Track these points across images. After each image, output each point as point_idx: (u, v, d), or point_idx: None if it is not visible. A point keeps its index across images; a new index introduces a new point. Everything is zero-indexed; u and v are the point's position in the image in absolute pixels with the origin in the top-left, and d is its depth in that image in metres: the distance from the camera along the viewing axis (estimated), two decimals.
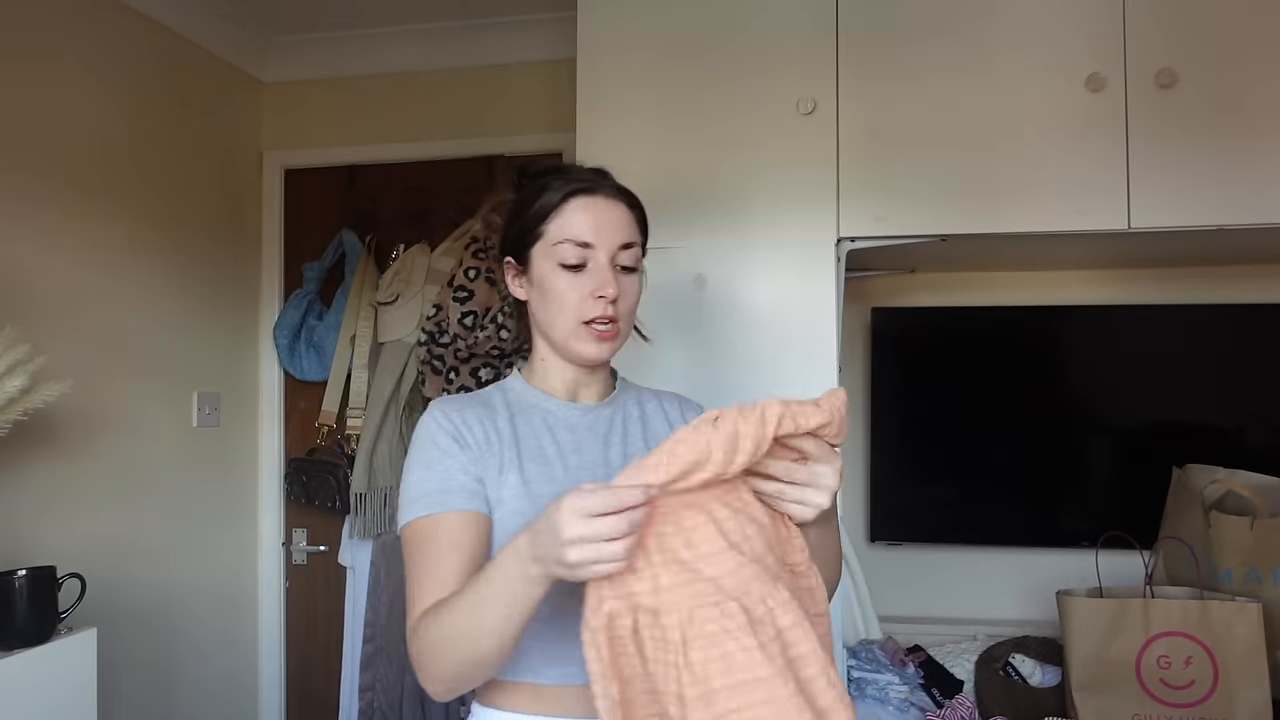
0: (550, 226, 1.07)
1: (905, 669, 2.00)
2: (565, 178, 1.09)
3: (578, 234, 1.06)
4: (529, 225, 1.09)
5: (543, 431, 1.10)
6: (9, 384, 1.59)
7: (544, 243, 1.08)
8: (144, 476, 2.23)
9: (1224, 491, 1.88)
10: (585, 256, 1.06)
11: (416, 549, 1.01)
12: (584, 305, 1.06)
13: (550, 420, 1.11)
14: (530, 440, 1.08)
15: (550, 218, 1.07)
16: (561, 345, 1.09)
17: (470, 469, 1.04)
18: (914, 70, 1.81)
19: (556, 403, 1.12)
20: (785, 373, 1.81)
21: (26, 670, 1.58)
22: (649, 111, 1.90)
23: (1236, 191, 1.71)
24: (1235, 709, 1.70)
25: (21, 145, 1.92)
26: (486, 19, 2.52)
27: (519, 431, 1.09)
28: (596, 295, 1.05)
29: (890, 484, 2.28)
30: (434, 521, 1.01)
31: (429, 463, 1.04)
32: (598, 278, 1.06)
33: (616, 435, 1.13)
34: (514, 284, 1.14)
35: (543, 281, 1.08)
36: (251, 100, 2.67)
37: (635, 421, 1.16)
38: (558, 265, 1.06)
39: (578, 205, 1.07)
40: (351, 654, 2.47)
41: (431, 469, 1.04)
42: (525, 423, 1.10)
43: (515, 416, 1.10)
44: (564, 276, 1.06)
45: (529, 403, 1.12)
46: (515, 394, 1.14)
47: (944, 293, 2.31)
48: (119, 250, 2.17)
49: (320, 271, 2.61)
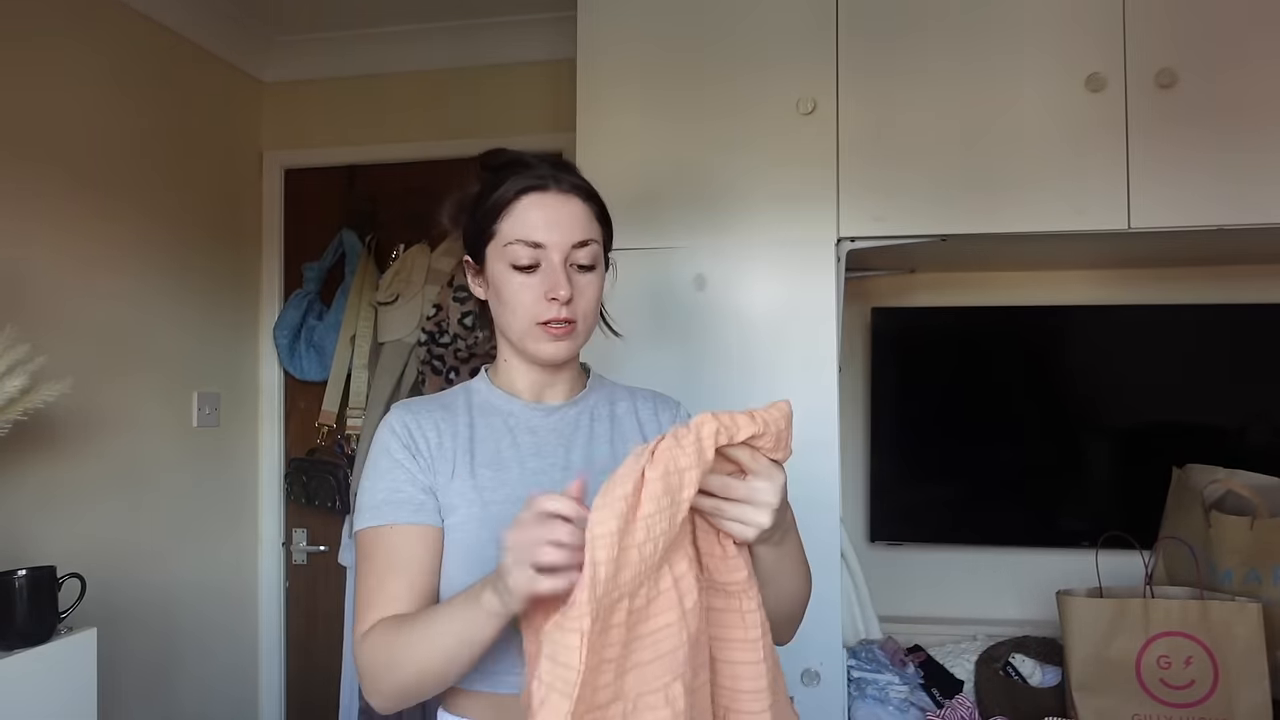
0: (502, 225, 1.04)
1: (905, 669, 2.00)
2: (520, 173, 1.06)
3: (528, 233, 1.03)
4: (483, 224, 1.06)
5: (503, 434, 1.08)
6: (9, 384, 1.59)
7: (496, 242, 1.05)
8: (144, 476, 2.23)
9: (1224, 491, 1.88)
10: (537, 257, 1.03)
11: (364, 559, 1.02)
12: (537, 306, 1.03)
13: (511, 422, 1.09)
14: (488, 443, 1.07)
15: (502, 216, 1.04)
16: (519, 345, 1.07)
17: (420, 478, 1.03)
18: (914, 70, 1.81)
19: (519, 404, 1.10)
20: (785, 373, 1.81)
21: (26, 670, 1.58)
22: (649, 111, 1.90)
23: (1236, 191, 1.71)
24: (1235, 709, 1.70)
25: (21, 145, 1.92)
26: (486, 19, 2.52)
27: (477, 434, 1.07)
28: (549, 297, 1.02)
29: (890, 484, 2.28)
30: (379, 534, 1.01)
31: (380, 471, 1.04)
32: (550, 279, 1.03)
33: (581, 436, 1.10)
34: (474, 283, 1.12)
35: (497, 282, 1.06)
36: (251, 100, 2.67)
37: (604, 421, 1.13)
38: (509, 266, 1.04)
39: (529, 203, 1.04)
40: (351, 654, 2.47)
41: (381, 478, 1.03)
42: (485, 425, 1.08)
43: (476, 419, 1.09)
44: (516, 277, 1.04)
45: (491, 405, 1.10)
46: (479, 396, 1.12)
47: (944, 293, 2.31)
48: (119, 250, 2.17)
49: (320, 271, 2.62)
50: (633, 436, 1.13)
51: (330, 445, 2.57)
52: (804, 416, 1.80)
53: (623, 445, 1.11)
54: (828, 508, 1.77)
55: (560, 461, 1.08)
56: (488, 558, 0.95)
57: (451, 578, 1.01)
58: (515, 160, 1.09)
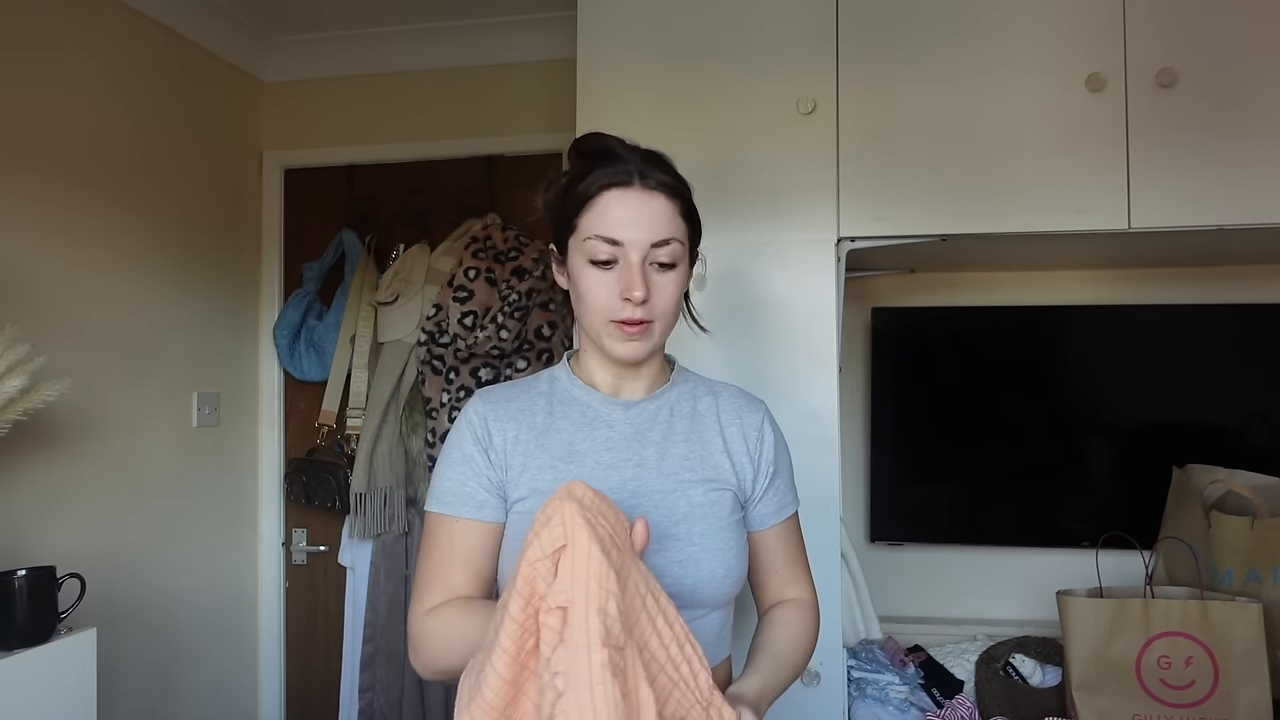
0: (583, 220, 1.04)
1: (905, 669, 2.00)
2: (607, 166, 1.04)
3: (607, 230, 1.02)
4: (566, 216, 1.06)
5: (579, 426, 1.09)
6: (9, 384, 1.59)
7: (576, 236, 1.05)
8: (144, 476, 2.23)
9: (1224, 491, 1.88)
10: (615, 254, 1.02)
11: (429, 537, 1.08)
12: (611, 304, 1.03)
13: (589, 415, 1.10)
14: (563, 435, 1.08)
15: (584, 210, 1.04)
16: (595, 341, 1.08)
17: (488, 475, 1.07)
18: (914, 70, 1.81)
19: (598, 397, 1.11)
20: (785, 373, 1.81)
21: (26, 670, 1.58)
22: (649, 111, 1.90)
23: (1236, 191, 1.71)
24: (1235, 709, 1.70)
25: (21, 144, 1.92)
26: (486, 19, 2.52)
27: (554, 426, 1.09)
28: (624, 296, 1.02)
29: (890, 484, 2.28)
30: (443, 521, 1.07)
31: (452, 461, 1.09)
32: (626, 278, 1.02)
33: (658, 432, 1.10)
34: (557, 273, 1.12)
35: (576, 275, 1.06)
36: (251, 100, 2.67)
37: (684, 418, 1.12)
38: (587, 260, 1.03)
39: (610, 199, 1.02)
40: (351, 654, 2.47)
41: (453, 468, 1.08)
42: (564, 416, 1.10)
43: (555, 409, 1.10)
44: (594, 273, 1.03)
45: (571, 395, 1.12)
46: (560, 385, 1.13)
47: (944, 293, 2.31)
48: (119, 250, 2.17)
49: (320, 271, 2.61)
50: (711, 437, 1.12)
51: (330, 445, 2.57)
52: (804, 416, 1.81)
53: (699, 444, 1.11)
54: (828, 507, 1.77)
55: (634, 458, 1.08)
56: None
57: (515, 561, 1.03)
58: (605, 150, 1.06)
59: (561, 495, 0.80)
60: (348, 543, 2.51)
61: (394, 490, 2.39)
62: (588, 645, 0.71)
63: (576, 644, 0.72)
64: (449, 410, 2.34)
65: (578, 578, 0.74)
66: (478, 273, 2.32)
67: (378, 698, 2.37)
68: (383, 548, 2.40)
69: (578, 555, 0.75)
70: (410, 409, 2.43)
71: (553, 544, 0.76)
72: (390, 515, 2.37)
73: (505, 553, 1.07)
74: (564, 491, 0.80)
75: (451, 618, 1.02)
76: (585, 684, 0.70)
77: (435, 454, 2.36)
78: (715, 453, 1.12)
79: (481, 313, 2.29)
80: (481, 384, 2.34)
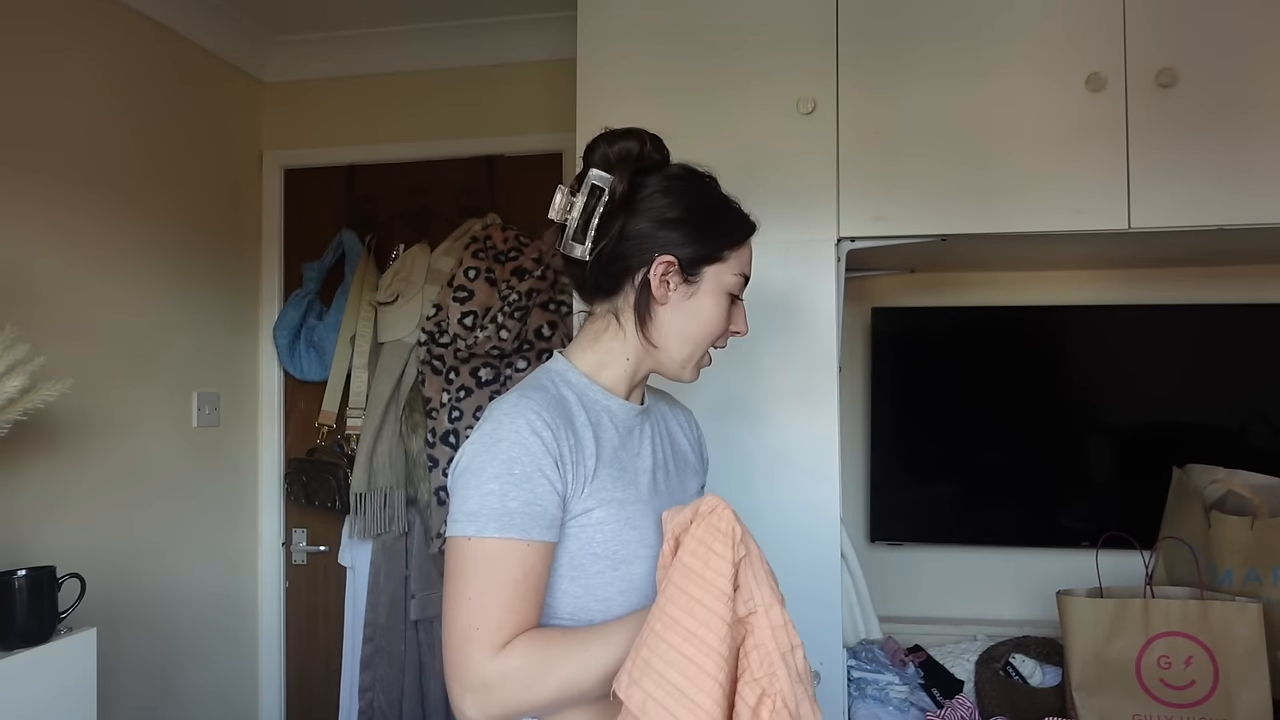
0: (735, 254, 1.10)
1: (905, 669, 2.00)
2: (740, 208, 1.14)
3: (748, 271, 1.12)
4: (719, 243, 1.09)
5: (610, 431, 1.08)
6: (9, 384, 1.59)
7: (723, 266, 1.09)
8: (144, 476, 2.23)
9: (1224, 491, 1.88)
10: (741, 292, 1.12)
11: (488, 570, 0.95)
12: (721, 335, 1.12)
13: (614, 419, 1.10)
14: (606, 443, 1.06)
15: (738, 246, 1.11)
16: (673, 362, 1.10)
17: (560, 488, 0.98)
18: (914, 70, 1.81)
19: (617, 402, 1.11)
20: (785, 373, 1.81)
21: (26, 670, 1.58)
22: (649, 111, 1.88)
23: (1236, 192, 1.70)
24: (1235, 709, 1.70)
25: (21, 145, 1.92)
26: (486, 19, 2.52)
27: (598, 434, 1.05)
28: (734, 330, 1.12)
29: (890, 484, 2.28)
30: (511, 548, 0.95)
31: (517, 478, 0.96)
32: (743, 318, 1.13)
33: (659, 438, 1.17)
34: (662, 280, 1.06)
35: (702, 300, 1.09)
36: (251, 100, 2.67)
37: (663, 419, 1.21)
38: (725, 293, 1.10)
39: (750, 244, 1.13)
40: (351, 654, 2.47)
41: (519, 485, 0.96)
42: (597, 422, 1.07)
43: (588, 415, 1.06)
44: (723, 304, 1.10)
45: (594, 400, 1.09)
46: (579, 390, 1.08)
47: (944, 293, 2.31)
48: (119, 250, 2.17)
49: (320, 271, 2.62)
50: (679, 436, 1.24)
51: (330, 445, 2.57)
52: (804, 416, 1.80)
53: (682, 442, 1.23)
54: (827, 507, 1.77)
55: (663, 460, 1.15)
56: (629, 555, 1.02)
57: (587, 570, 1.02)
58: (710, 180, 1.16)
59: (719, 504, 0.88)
60: (348, 543, 2.51)
61: (394, 490, 2.39)
62: (788, 649, 0.84)
63: (773, 649, 0.84)
64: (449, 410, 2.34)
65: (760, 581, 0.86)
66: (478, 273, 2.32)
67: (378, 698, 2.37)
68: (383, 548, 2.40)
69: (755, 563, 0.87)
70: (410, 409, 2.43)
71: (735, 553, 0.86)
72: (390, 515, 2.37)
73: (584, 568, 1.01)
74: (717, 501, 0.89)
75: (543, 652, 0.93)
76: (788, 687, 0.82)
77: (436, 454, 2.36)
78: (689, 451, 1.24)
79: (481, 313, 2.29)
80: (482, 384, 2.34)
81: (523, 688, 0.93)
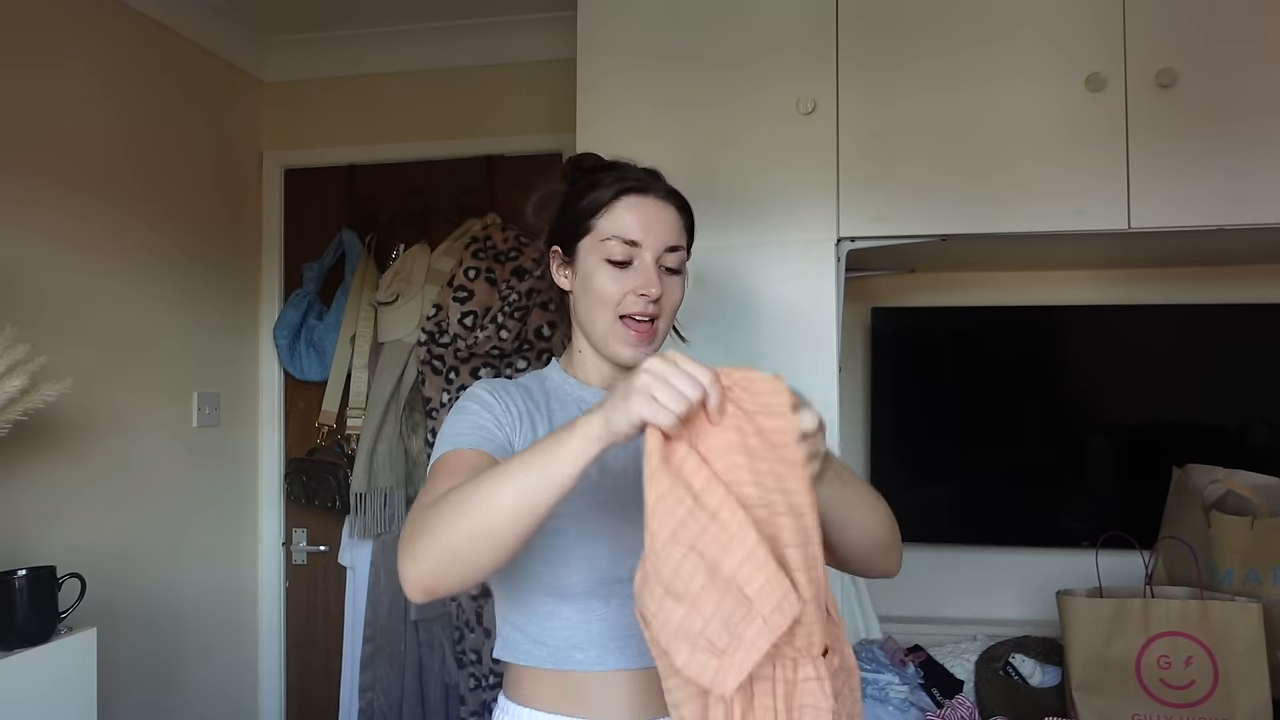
0: (600, 222, 1.09)
1: (905, 669, 2.00)
2: (618, 175, 1.12)
3: (626, 232, 1.08)
4: (579, 218, 1.11)
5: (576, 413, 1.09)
6: (9, 384, 1.59)
7: (592, 237, 1.10)
8: (144, 476, 2.23)
9: (1224, 491, 1.88)
10: (631, 254, 1.08)
11: (436, 473, 0.99)
12: (625, 300, 1.08)
13: (584, 408, 1.10)
14: (562, 418, 1.09)
15: (601, 214, 1.09)
16: (600, 342, 1.11)
17: (505, 425, 1.06)
18: (914, 70, 1.81)
19: (593, 392, 1.13)
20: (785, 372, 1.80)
21: (26, 670, 1.58)
22: (649, 111, 1.90)
23: (1236, 191, 1.70)
24: (1235, 709, 1.70)
25: (21, 145, 1.92)
26: (486, 19, 2.52)
27: (554, 418, 1.10)
28: (639, 293, 1.07)
29: (890, 484, 2.26)
30: (460, 454, 1.01)
31: (468, 413, 1.07)
32: (642, 276, 1.08)
33: None
34: (559, 274, 1.16)
35: (587, 275, 1.10)
36: (251, 100, 2.67)
37: None
38: (603, 260, 1.08)
39: (628, 204, 1.09)
40: (351, 654, 2.47)
41: (466, 418, 1.06)
42: (561, 409, 1.12)
43: (552, 403, 1.12)
44: (608, 272, 1.08)
45: (566, 392, 1.14)
46: (553, 383, 1.16)
47: (944, 293, 2.31)
48: (119, 250, 2.17)
49: (320, 271, 2.62)
50: None
51: (330, 445, 2.57)
52: None
53: None
54: None
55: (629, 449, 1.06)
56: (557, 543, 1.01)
57: None
58: (609, 165, 1.15)
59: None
60: (348, 543, 2.51)
61: (394, 490, 2.39)
62: None
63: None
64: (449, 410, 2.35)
65: None
66: (478, 273, 2.32)
67: (378, 698, 2.37)
68: (383, 548, 2.40)
69: None
70: (410, 409, 2.43)
71: None
72: (390, 515, 2.37)
73: None
74: None
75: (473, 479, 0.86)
76: None
77: None
78: None
79: (481, 313, 2.29)
80: None
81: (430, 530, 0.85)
